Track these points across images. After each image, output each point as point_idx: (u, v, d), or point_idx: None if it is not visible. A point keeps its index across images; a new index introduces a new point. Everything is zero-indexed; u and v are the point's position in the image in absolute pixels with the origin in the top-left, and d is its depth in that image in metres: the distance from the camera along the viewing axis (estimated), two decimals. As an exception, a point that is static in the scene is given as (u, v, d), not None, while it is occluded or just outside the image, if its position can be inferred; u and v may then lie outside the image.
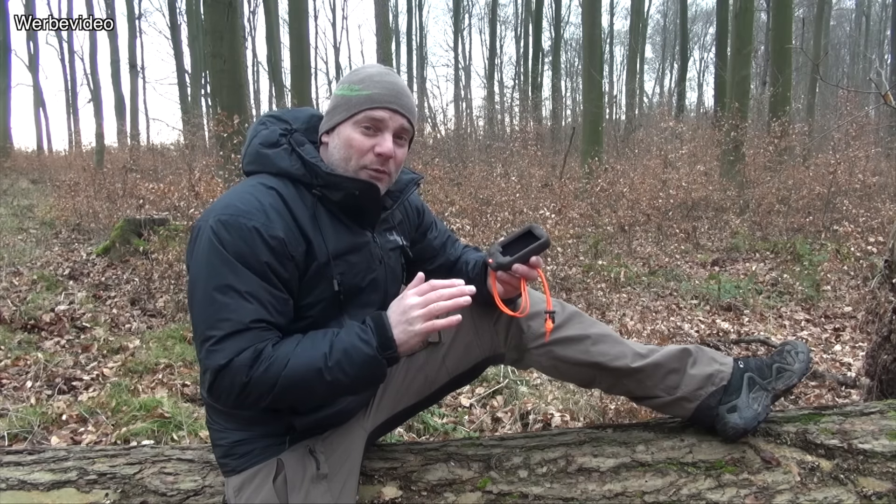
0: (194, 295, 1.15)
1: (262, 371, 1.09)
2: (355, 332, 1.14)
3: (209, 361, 1.10)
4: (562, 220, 6.24)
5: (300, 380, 1.11)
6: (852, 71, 32.50)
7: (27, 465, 1.44)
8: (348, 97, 1.25)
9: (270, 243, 1.14)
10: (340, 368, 1.11)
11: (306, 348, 1.13)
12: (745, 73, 11.85)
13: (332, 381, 1.12)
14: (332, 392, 1.14)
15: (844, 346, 4.00)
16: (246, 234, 1.12)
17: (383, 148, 1.23)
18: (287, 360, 1.11)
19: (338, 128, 1.26)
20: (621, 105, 26.90)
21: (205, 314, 1.12)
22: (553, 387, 3.00)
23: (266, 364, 1.10)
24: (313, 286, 1.21)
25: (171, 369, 3.35)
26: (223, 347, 1.09)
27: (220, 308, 1.10)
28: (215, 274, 1.12)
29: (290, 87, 16.29)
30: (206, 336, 1.11)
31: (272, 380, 1.10)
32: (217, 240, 1.12)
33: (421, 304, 1.12)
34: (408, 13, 30.94)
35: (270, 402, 1.13)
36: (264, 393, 1.11)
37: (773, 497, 1.34)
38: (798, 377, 1.44)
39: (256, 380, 1.09)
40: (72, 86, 26.16)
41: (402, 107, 1.25)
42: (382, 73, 1.27)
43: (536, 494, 1.37)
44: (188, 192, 6.05)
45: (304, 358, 1.11)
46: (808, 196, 8.62)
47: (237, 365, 1.09)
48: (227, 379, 1.09)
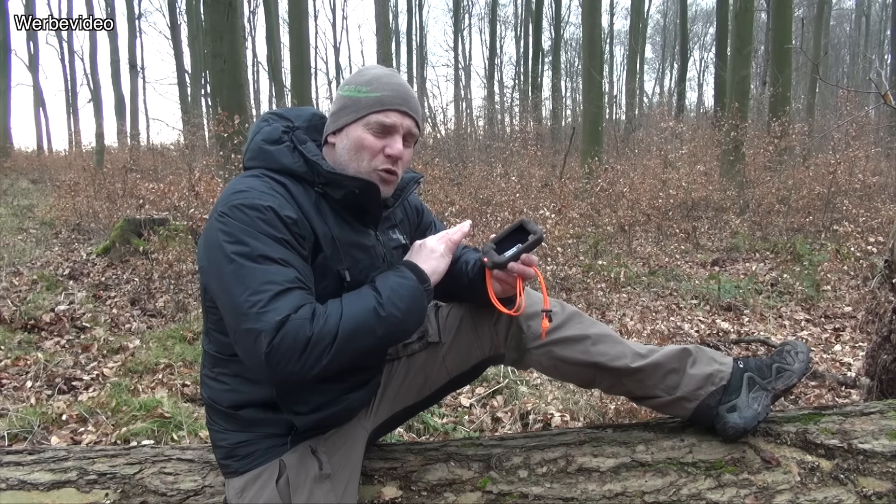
0: (224, 275, 1.10)
1: (321, 324, 1.09)
2: (392, 274, 1.23)
3: (262, 323, 1.05)
4: (562, 220, 6.24)
5: (359, 323, 1.12)
6: (852, 71, 32.48)
7: (27, 465, 1.44)
8: (356, 98, 1.25)
9: (286, 221, 1.15)
10: (392, 303, 1.16)
11: (353, 299, 1.17)
12: (745, 73, 11.85)
13: (388, 317, 1.15)
14: (390, 330, 1.17)
15: (844, 346, 4.00)
16: (263, 213, 1.13)
17: (394, 150, 1.24)
18: (340, 310, 1.12)
19: (346, 129, 1.26)
20: (621, 105, 26.92)
21: (244, 285, 1.08)
22: (553, 387, 3.00)
23: (324, 318, 1.10)
24: (319, 279, 1.21)
25: (171, 369, 3.35)
26: (276, 307, 1.06)
27: (262, 273, 1.08)
28: (244, 248, 1.10)
29: (290, 87, 16.30)
30: (251, 302, 1.06)
31: (333, 330, 1.09)
32: (236, 220, 1.12)
33: (437, 240, 1.32)
34: (408, 13, 30.97)
35: (333, 357, 1.10)
36: (327, 346, 1.08)
37: (773, 497, 1.34)
38: (798, 377, 1.44)
39: (318, 333, 1.08)
40: (72, 86, 26.19)
41: (411, 109, 1.27)
42: (389, 74, 1.28)
43: (536, 494, 1.37)
44: (188, 192, 6.05)
45: (356, 304, 1.15)
46: (808, 196, 8.63)
47: (297, 320, 1.07)
48: (288, 337, 1.05)
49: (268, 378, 1.17)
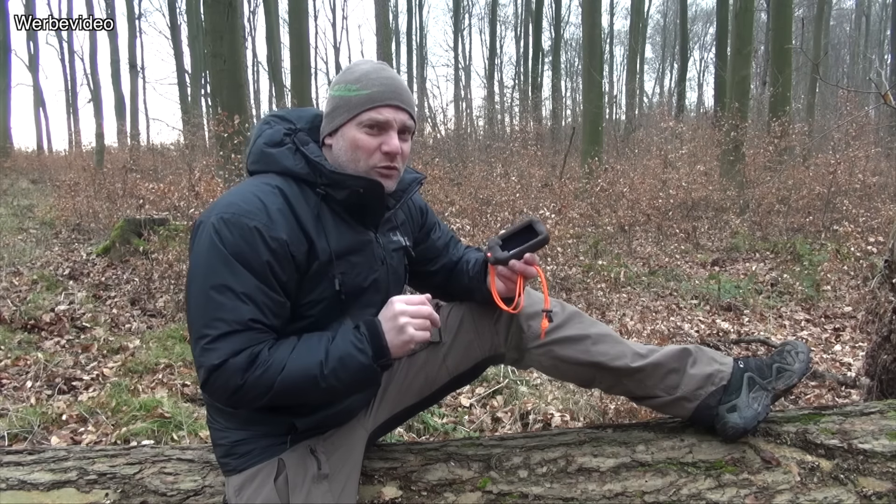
0: (191, 291, 1.15)
1: (257, 375, 1.11)
2: (350, 341, 1.16)
3: (203, 360, 1.11)
4: (562, 220, 6.23)
5: (296, 386, 1.13)
6: (852, 71, 32.48)
7: (27, 465, 1.44)
8: (347, 98, 1.23)
9: (271, 245, 1.14)
10: (335, 376, 1.14)
11: (302, 354, 1.15)
12: (745, 73, 11.85)
13: (327, 388, 1.15)
14: (326, 396, 1.21)
15: (844, 346, 4.00)
16: (247, 234, 1.13)
17: (391, 146, 1.23)
18: (283, 365, 1.12)
19: (341, 130, 1.25)
20: (621, 105, 26.93)
21: (200, 312, 1.12)
22: (553, 387, 3.00)
23: (262, 369, 1.11)
24: (315, 285, 1.21)
25: (171, 369, 3.35)
26: (217, 347, 1.10)
27: (217, 307, 1.11)
28: (213, 272, 1.12)
29: (290, 87, 16.29)
30: (201, 334, 1.11)
31: (268, 384, 1.12)
32: (218, 238, 1.12)
33: (411, 312, 1.17)
34: (408, 13, 30.96)
35: (266, 404, 1.16)
36: (259, 395, 1.13)
37: (773, 497, 1.34)
38: (798, 377, 1.44)
39: (251, 383, 1.11)
40: (72, 86, 26.18)
41: (404, 102, 1.25)
42: (378, 69, 1.26)
43: (536, 494, 1.37)
44: (188, 192, 6.05)
45: (299, 364, 1.13)
46: (808, 196, 8.62)
47: (232, 367, 1.10)
48: (221, 379, 1.11)
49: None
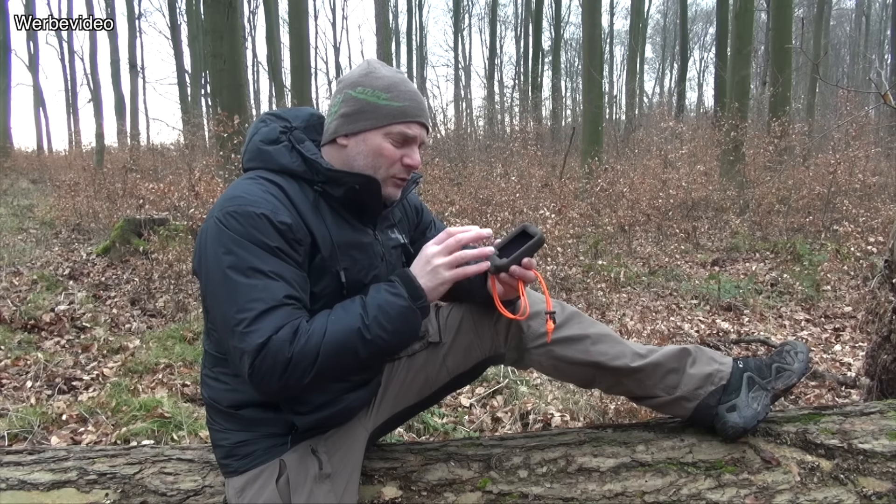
0: (215, 286, 1.13)
1: (302, 344, 1.08)
2: (384, 289, 1.17)
3: (246, 344, 1.07)
4: (562, 220, 6.23)
5: (342, 345, 1.11)
6: (852, 71, 32.50)
7: (27, 465, 1.44)
8: (376, 105, 1.24)
9: (280, 227, 1.14)
10: (378, 324, 1.13)
11: (340, 315, 1.14)
12: (745, 73, 11.86)
13: (373, 339, 1.12)
14: (374, 352, 1.14)
15: (844, 346, 4.00)
16: (256, 221, 1.13)
17: (413, 160, 1.27)
18: (324, 329, 1.11)
19: (364, 134, 1.25)
20: (621, 105, 26.96)
21: (231, 300, 1.10)
22: (553, 387, 3.00)
23: (305, 338, 1.09)
24: (317, 279, 1.22)
25: (171, 369, 3.35)
26: (258, 327, 1.08)
27: (249, 289, 1.09)
28: (237, 260, 1.11)
29: (290, 87, 16.30)
30: (237, 320, 1.08)
31: (314, 351, 1.09)
32: (229, 230, 1.13)
33: (442, 251, 1.19)
34: (408, 13, 30.97)
35: (315, 377, 1.11)
36: (308, 366, 1.09)
37: (773, 497, 1.34)
38: (797, 377, 1.44)
39: (298, 354, 1.08)
40: (72, 86, 26.18)
41: (426, 119, 1.29)
42: (403, 80, 1.28)
43: (536, 494, 1.37)
44: (188, 192, 6.06)
45: (340, 323, 1.12)
46: (808, 196, 8.63)
47: (277, 342, 1.07)
48: (268, 359, 1.07)
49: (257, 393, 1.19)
